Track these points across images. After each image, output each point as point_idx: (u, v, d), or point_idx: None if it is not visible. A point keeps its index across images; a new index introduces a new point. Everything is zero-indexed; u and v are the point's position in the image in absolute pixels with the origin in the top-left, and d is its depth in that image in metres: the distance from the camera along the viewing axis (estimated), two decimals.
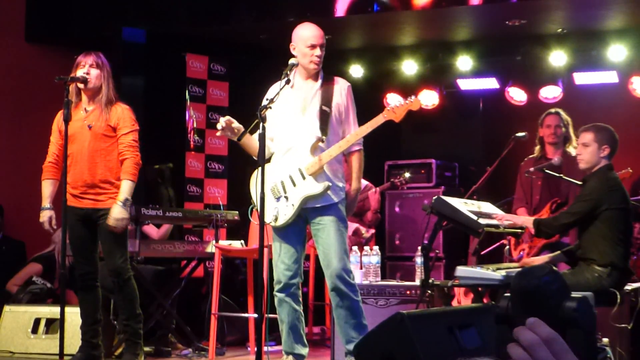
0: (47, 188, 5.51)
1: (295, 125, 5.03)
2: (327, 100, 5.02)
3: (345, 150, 5.03)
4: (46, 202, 5.47)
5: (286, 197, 4.99)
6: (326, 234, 4.94)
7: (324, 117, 4.99)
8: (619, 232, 5.09)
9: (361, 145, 5.10)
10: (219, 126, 4.89)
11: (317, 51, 4.99)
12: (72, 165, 5.34)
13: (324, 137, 4.96)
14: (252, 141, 4.94)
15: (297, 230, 5.04)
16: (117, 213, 5.30)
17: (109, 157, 5.42)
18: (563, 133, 6.55)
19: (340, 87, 5.08)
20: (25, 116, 8.24)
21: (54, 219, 5.45)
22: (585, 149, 5.24)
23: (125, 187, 5.36)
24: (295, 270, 5.02)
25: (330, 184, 4.94)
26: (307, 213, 5.00)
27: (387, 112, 4.85)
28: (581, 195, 5.21)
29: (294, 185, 4.98)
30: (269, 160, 5.12)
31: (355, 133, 4.95)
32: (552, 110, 6.73)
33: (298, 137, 5.01)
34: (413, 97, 4.91)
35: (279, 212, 5.00)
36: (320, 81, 5.08)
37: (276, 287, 5.05)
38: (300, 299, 5.10)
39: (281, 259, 5.02)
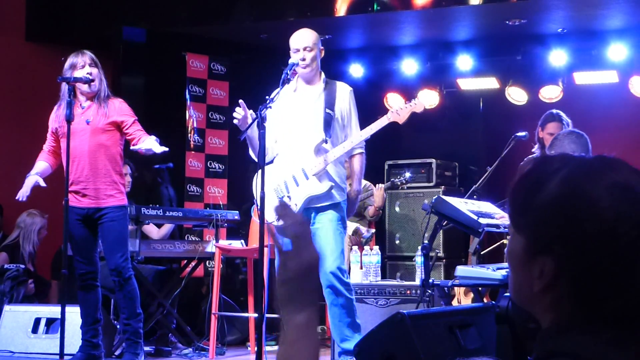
0: (37, 165, 5.48)
1: (299, 127, 5.11)
2: (330, 103, 5.13)
3: (348, 151, 5.11)
4: (32, 172, 5.44)
5: (289, 197, 5.04)
6: (324, 232, 5.00)
7: (328, 120, 5.10)
8: None
9: (363, 148, 5.21)
10: (236, 115, 5.00)
11: (300, 54, 5.11)
12: (73, 162, 5.33)
13: (327, 138, 5.05)
14: (256, 141, 5.07)
15: None
16: (152, 140, 5.31)
17: (109, 152, 5.40)
18: None
19: (343, 92, 5.19)
20: (25, 116, 8.23)
21: (35, 186, 5.39)
22: None
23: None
24: None
25: (334, 184, 5.04)
26: (309, 213, 5.05)
27: (391, 114, 4.92)
28: None
29: (297, 185, 5.04)
30: (272, 162, 5.18)
31: (359, 134, 5.07)
32: (554, 112, 6.68)
33: (302, 138, 5.09)
34: (417, 99, 5.03)
35: None
36: (322, 84, 5.19)
37: None
38: None
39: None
